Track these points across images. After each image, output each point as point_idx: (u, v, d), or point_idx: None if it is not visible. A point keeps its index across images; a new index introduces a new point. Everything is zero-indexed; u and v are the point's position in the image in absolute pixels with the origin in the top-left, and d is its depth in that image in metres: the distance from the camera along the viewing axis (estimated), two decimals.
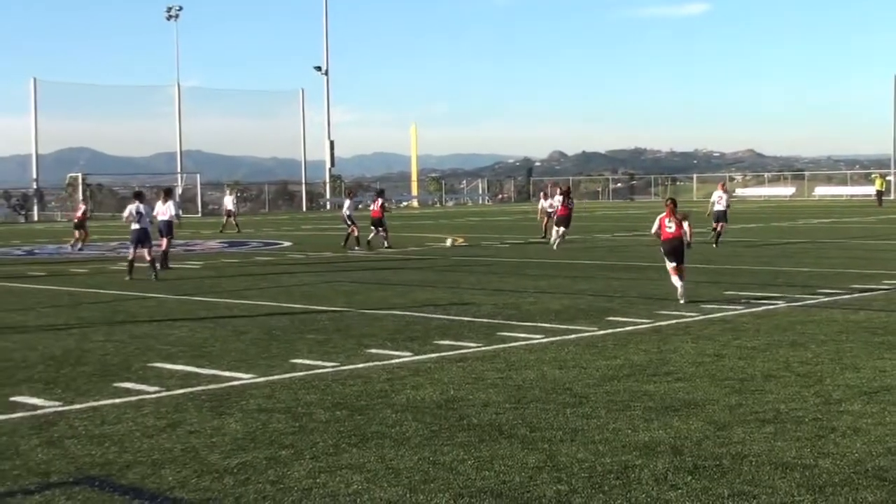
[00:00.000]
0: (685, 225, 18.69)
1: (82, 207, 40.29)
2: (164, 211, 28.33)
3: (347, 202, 38.27)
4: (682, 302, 18.12)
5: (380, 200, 36.37)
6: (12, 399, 11.13)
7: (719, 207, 34.67)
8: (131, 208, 25.76)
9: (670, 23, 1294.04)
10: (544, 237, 37.75)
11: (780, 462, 8.11)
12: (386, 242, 35.41)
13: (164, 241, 28.26)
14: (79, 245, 37.91)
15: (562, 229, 34.59)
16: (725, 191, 36.26)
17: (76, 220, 39.35)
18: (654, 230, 19.21)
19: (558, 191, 37.54)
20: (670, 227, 18.72)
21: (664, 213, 18.89)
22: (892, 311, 16.78)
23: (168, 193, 29.79)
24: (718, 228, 33.97)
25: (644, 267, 25.90)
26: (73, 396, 11.23)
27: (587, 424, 9.49)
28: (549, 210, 38.14)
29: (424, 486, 7.71)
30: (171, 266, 27.90)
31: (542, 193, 43.80)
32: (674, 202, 19.26)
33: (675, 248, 18.66)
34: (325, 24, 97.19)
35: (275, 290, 22.47)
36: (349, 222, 36.57)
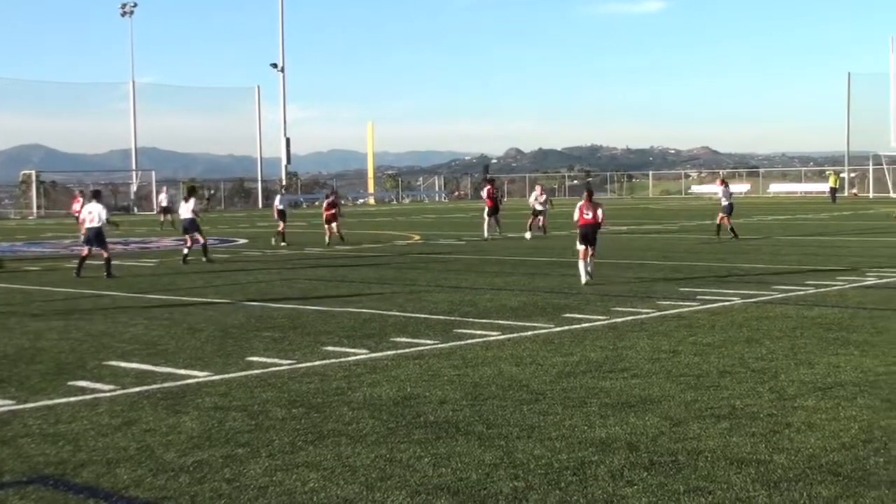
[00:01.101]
0: (600, 212, 21.31)
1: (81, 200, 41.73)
2: (186, 209, 29.69)
3: (279, 197, 39.61)
4: (584, 282, 20.61)
5: (331, 198, 37.47)
6: None
7: (725, 202, 35.70)
8: (90, 208, 25.67)
9: (627, 20, 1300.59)
10: (544, 233, 38.88)
11: (736, 457, 8.16)
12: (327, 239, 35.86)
13: (189, 239, 29.40)
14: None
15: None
16: (725, 185, 37.64)
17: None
18: (575, 217, 21.43)
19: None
20: (588, 215, 21.22)
21: (583, 202, 21.38)
22: (846, 308, 16.94)
23: (191, 192, 31.03)
24: (725, 222, 35.10)
25: (600, 264, 25.97)
26: (27, 395, 11.12)
27: (544, 421, 9.51)
28: (539, 207, 39.46)
29: (381, 483, 7.70)
30: (211, 260, 29.26)
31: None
32: (590, 192, 22.04)
33: (589, 234, 21.11)
34: (282, 21, 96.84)
35: (230, 287, 22.36)
36: (279, 217, 37.54)
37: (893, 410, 9.65)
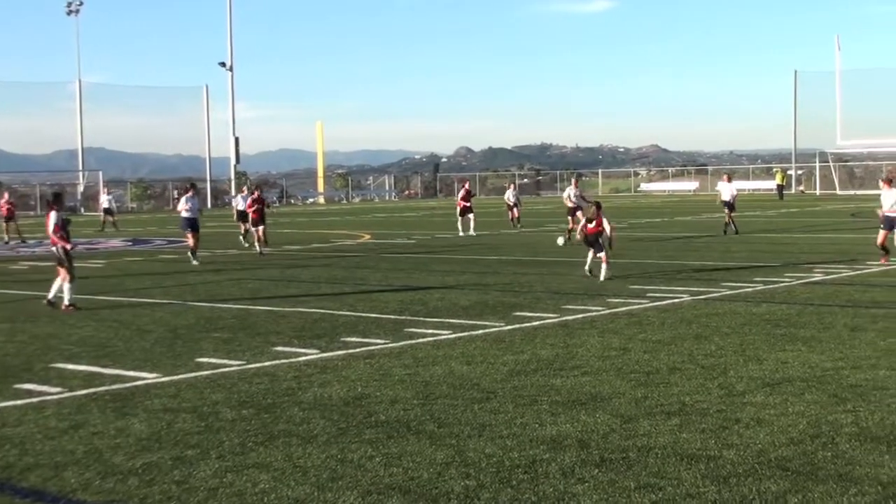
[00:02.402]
0: (605, 223, 21.73)
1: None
2: (186, 208, 29.00)
3: (239, 197, 39.25)
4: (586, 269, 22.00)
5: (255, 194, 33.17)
6: None
7: (727, 198, 36.35)
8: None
9: (576, 19, 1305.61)
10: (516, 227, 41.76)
11: (686, 454, 8.20)
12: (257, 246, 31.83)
13: (191, 237, 28.78)
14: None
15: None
16: (730, 181, 38.56)
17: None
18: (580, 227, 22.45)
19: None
20: (592, 224, 21.78)
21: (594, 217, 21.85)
22: (794, 304, 17.10)
23: (190, 190, 30.32)
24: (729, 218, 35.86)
25: (551, 262, 26.07)
26: None
27: (495, 419, 9.51)
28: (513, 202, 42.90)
29: (332, 483, 7.67)
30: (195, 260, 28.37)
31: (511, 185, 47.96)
32: (598, 205, 22.56)
33: (592, 240, 21.78)
34: (230, 20, 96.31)
35: (179, 288, 22.19)
36: (239, 219, 36.94)
37: (840, 405, 9.75)
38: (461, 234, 38.75)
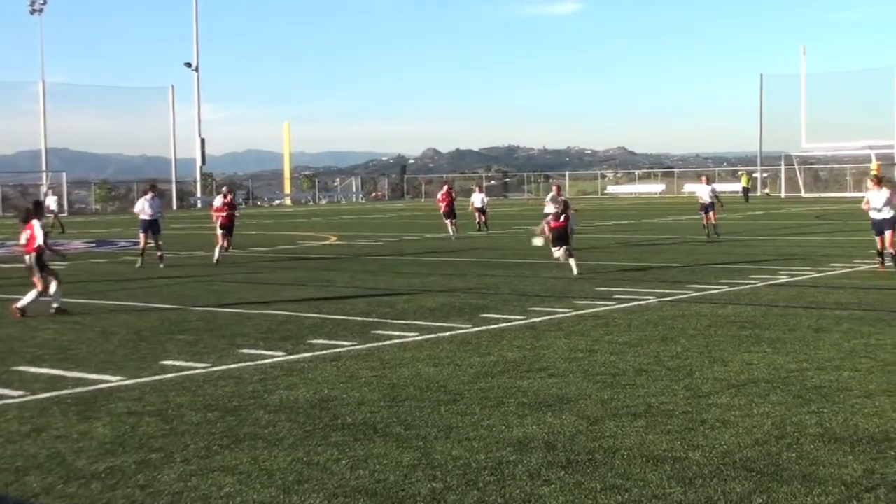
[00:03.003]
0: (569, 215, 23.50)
1: None
2: (144, 209, 28.44)
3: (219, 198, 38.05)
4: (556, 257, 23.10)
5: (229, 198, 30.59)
6: None
7: (706, 200, 36.01)
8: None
9: (544, 21, 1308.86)
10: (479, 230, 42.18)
11: (652, 455, 8.22)
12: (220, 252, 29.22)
13: (143, 239, 28.35)
14: None
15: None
16: (709, 183, 38.39)
17: None
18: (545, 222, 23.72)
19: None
20: (557, 219, 23.32)
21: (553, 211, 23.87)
22: (759, 306, 17.18)
23: (149, 191, 29.65)
24: (710, 220, 35.49)
25: (518, 264, 26.10)
26: None
27: (462, 421, 9.50)
28: (480, 205, 43.26)
29: (298, 486, 7.63)
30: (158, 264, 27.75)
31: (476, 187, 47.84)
32: (567, 204, 24.13)
33: (561, 235, 23.20)
34: (196, 20, 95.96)
35: (144, 290, 22.06)
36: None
37: (805, 406, 9.80)
38: (454, 237, 37.64)
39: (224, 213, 29.58)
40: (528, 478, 7.71)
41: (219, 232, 29.40)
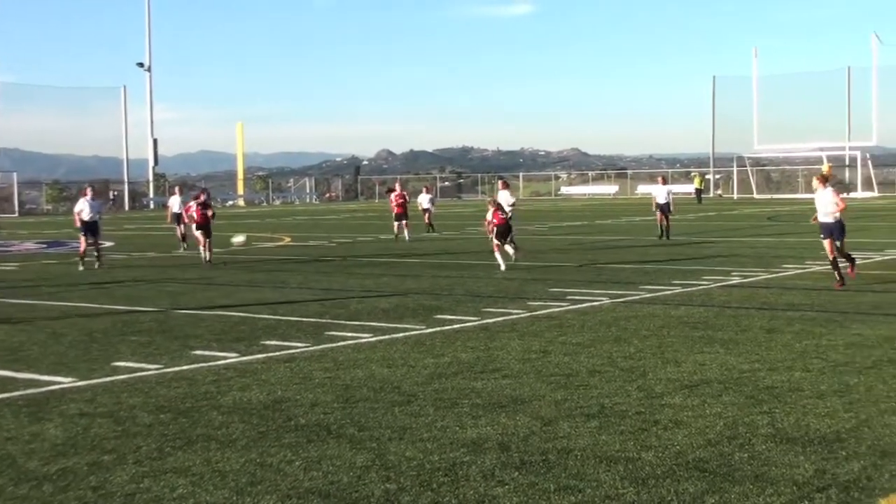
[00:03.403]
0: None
1: None
2: (82, 210, 27.96)
3: (174, 198, 37.81)
4: (503, 269, 24.01)
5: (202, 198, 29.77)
6: None
7: (661, 201, 36.03)
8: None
9: (496, 23, 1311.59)
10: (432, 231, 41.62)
11: (605, 455, 8.25)
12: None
13: (83, 241, 27.71)
14: None
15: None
16: (665, 183, 38.62)
17: None
18: (489, 218, 25.27)
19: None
20: (503, 214, 25.51)
21: (494, 209, 25.43)
22: (711, 307, 17.30)
23: (86, 191, 29.27)
24: (664, 222, 35.59)
25: (471, 265, 26.13)
26: None
27: (416, 422, 9.50)
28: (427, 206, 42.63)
29: (251, 488, 7.59)
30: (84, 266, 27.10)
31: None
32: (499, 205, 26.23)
33: (505, 230, 25.19)
34: (148, 20, 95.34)
35: (95, 291, 21.89)
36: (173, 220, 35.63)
37: (757, 407, 9.88)
38: (407, 239, 36.65)
39: (202, 213, 28.69)
40: (482, 479, 7.72)
41: (196, 233, 28.79)
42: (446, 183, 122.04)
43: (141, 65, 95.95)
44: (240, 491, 7.53)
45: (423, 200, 43.25)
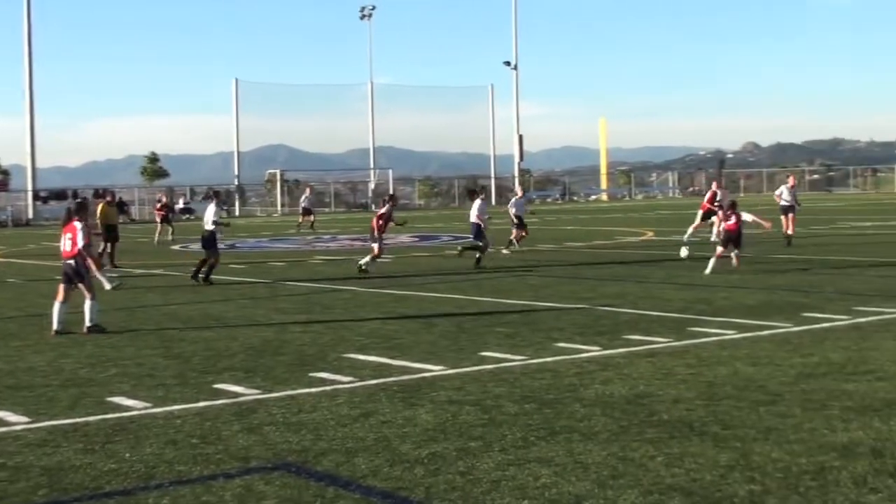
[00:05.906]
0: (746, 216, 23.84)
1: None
2: (212, 219, 24.13)
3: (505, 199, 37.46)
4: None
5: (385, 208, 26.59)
6: (215, 386, 11.55)
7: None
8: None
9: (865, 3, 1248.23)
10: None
11: None
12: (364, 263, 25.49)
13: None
14: None
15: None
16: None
17: None
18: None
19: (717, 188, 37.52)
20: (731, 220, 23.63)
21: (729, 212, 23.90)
22: None
23: (215, 196, 25.92)
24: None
25: (840, 262, 25.11)
26: (272, 385, 11.56)
27: (782, 423, 9.26)
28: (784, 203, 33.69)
29: (613, 481, 7.65)
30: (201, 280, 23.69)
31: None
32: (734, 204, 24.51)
33: (735, 238, 23.64)
34: (515, 19, 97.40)
35: (467, 283, 22.63)
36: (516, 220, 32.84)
37: None
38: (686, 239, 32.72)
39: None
40: (853, 485, 7.43)
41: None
42: (815, 176, 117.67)
43: (508, 63, 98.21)
44: (601, 484, 7.61)
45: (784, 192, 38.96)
